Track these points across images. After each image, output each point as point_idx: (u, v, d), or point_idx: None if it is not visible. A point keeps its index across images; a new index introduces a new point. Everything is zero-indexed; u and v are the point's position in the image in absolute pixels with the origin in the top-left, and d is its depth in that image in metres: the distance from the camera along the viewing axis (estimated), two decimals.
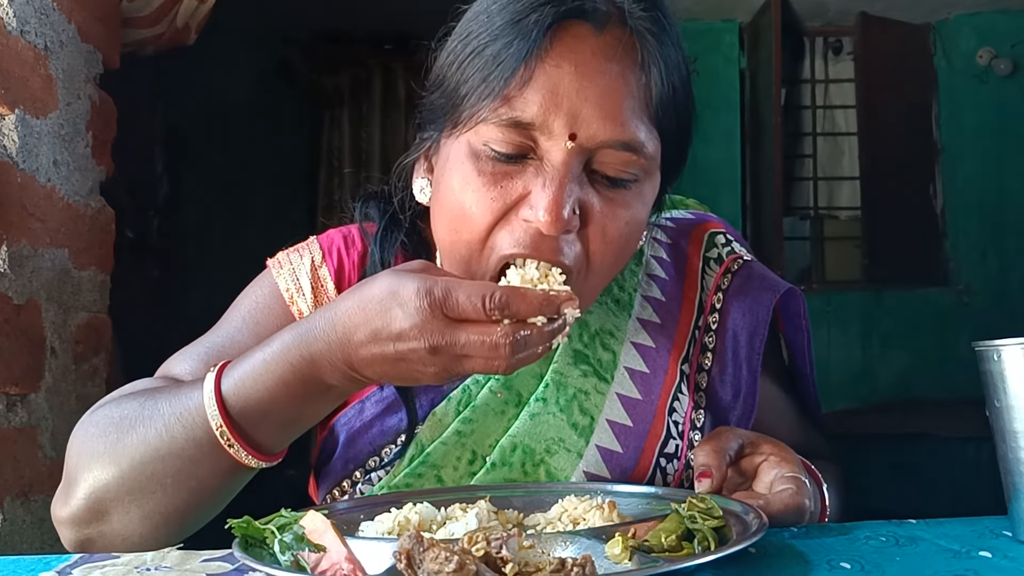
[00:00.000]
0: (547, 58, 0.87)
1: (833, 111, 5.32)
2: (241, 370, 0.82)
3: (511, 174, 0.90)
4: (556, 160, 0.88)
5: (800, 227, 5.34)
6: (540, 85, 0.87)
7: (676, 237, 1.16)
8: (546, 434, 0.99)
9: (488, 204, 0.89)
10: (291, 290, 1.06)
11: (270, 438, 0.83)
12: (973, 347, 0.78)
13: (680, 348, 1.07)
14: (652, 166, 0.94)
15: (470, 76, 0.91)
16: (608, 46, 0.90)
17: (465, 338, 0.74)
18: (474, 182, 0.90)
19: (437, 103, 0.98)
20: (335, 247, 1.10)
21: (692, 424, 1.04)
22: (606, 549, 0.66)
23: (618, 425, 1.01)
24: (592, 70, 0.88)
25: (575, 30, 0.89)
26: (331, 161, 5.02)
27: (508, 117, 0.88)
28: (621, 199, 0.92)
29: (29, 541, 1.61)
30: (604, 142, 0.88)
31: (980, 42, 4.92)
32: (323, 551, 0.65)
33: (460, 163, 0.92)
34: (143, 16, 2.10)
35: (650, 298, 1.10)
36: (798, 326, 1.15)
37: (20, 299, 1.58)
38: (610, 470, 0.99)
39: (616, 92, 0.89)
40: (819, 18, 5.06)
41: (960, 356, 4.45)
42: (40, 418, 1.66)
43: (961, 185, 4.94)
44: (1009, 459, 0.76)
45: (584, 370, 1.03)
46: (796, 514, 0.82)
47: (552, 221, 0.86)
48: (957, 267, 4.93)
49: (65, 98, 1.76)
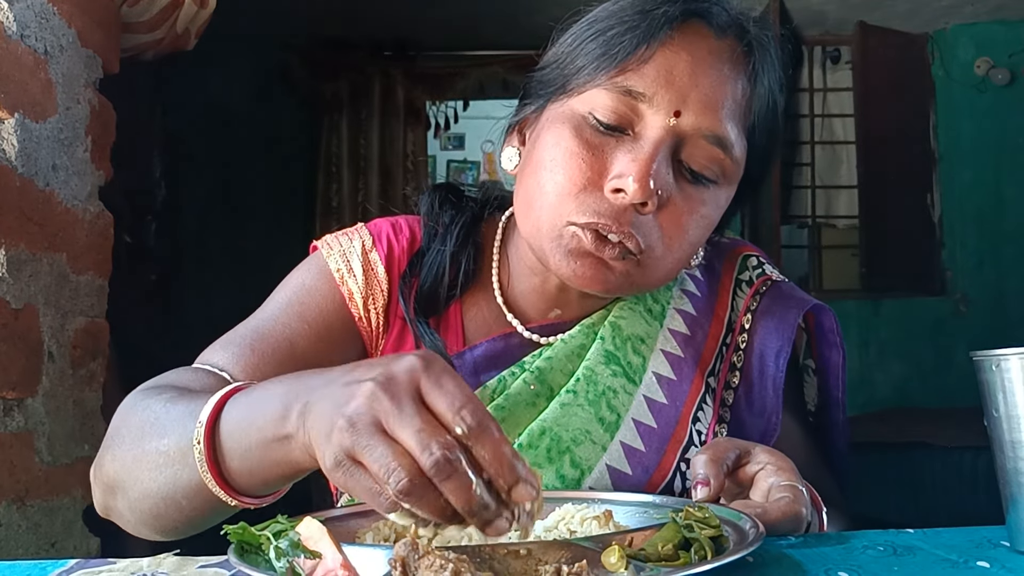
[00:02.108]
0: (668, 44, 0.95)
1: (831, 120, 5.33)
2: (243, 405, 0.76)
3: (604, 146, 0.95)
4: (653, 135, 0.94)
5: (798, 235, 5.35)
6: (658, 63, 0.94)
7: (711, 258, 1.18)
8: (574, 424, 1.01)
9: (577, 164, 0.95)
10: (342, 270, 1.08)
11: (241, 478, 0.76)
12: (971, 357, 0.78)
13: (707, 362, 1.09)
14: (734, 172, 1.00)
15: (591, 50, 0.98)
16: (724, 50, 0.98)
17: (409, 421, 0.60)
18: (569, 143, 0.96)
19: (548, 76, 1.03)
20: (384, 233, 1.12)
21: (715, 436, 1.06)
22: (602, 558, 0.66)
23: (643, 425, 1.03)
24: (706, 65, 0.96)
25: (698, 28, 0.97)
26: (330, 167, 5.02)
27: (623, 85, 0.94)
28: (699, 196, 0.98)
29: (25, 546, 1.60)
30: (701, 130, 0.95)
31: (978, 52, 4.93)
32: (319, 558, 0.65)
33: (560, 125, 0.98)
34: (143, 21, 2.10)
35: (682, 311, 1.12)
36: (832, 342, 1.15)
37: (18, 303, 1.58)
38: (632, 466, 1.01)
39: (722, 90, 0.96)
40: (817, 27, 5.07)
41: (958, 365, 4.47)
42: (37, 423, 1.66)
43: (959, 194, 4.95)
44: (1007, 469, 0.76)
45: (614, 370, 1.05)
46: (793, 523, 0.82)
47: (640, 188, 0.91)
48: (955, 276, 4.93)
49: (64, 102, 1.76)
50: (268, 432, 0.71)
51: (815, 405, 1.23)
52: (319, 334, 1.05)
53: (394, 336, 1.09)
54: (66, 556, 1.68)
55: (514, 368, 1.05)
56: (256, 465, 0.74)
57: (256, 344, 0.98)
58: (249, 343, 1.00)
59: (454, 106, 5.23)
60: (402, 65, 5.05)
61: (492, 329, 1.09)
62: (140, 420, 0.86)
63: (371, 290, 1.08)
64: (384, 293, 1.09)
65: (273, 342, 1.01)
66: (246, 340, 1.01)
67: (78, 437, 1.81)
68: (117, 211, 2.01)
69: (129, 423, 0.87)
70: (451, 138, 7.46)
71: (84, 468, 1.82)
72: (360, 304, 1.07)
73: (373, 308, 1.08)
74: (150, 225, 3.94)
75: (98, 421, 1.89)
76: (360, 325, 1.08)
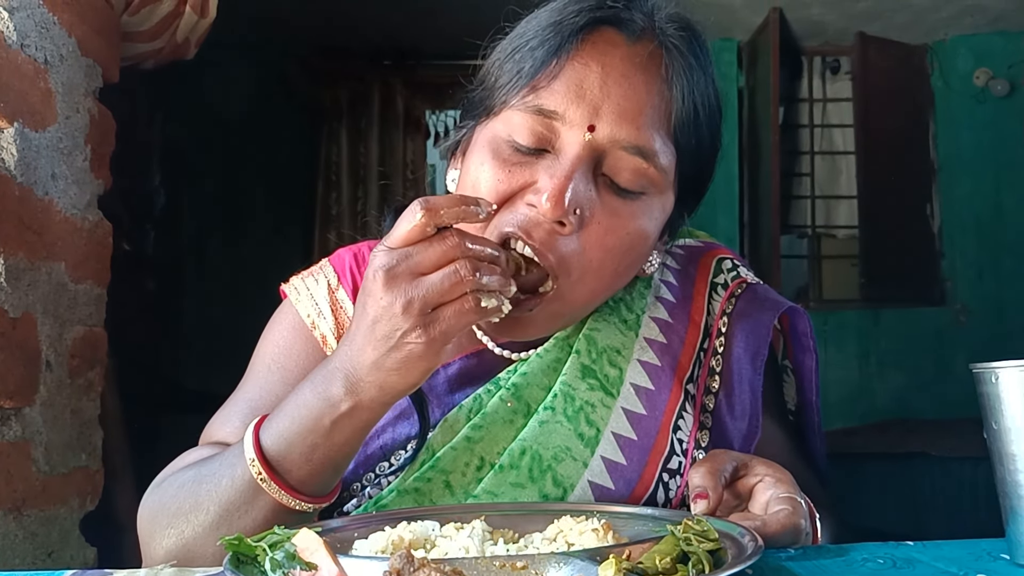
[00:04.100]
0: (577, 56, 0.94)
1: (831, 130, 5.34)
2: (276, 418, 0.87)
3: (524, 164, 0.95)
4: (570, 152, 0.92)
5: (798, 245, 5.35)
6: (567, 77, 0.93)
7: (684, 263, 1.18)
8: (554, 442, 1.00)
9: (495, 184, 0.94)
10: (312, 315, 1.10)
11: (311, 478, 0.87)
12: (971, 369, 0.78)
13: (685, 369, 1.08)
14: (663, 181, 0.98)
15: (508, 69, 0.98)
16: (637, 55, 0.95)
17: (428, 281, 0.79)
18: (489, 164, 0.96)
19: (476, 97, 1.04)
20: (347, 267, 1.13)
21: (696, 443, 1.05)
22: (600, 571, 0.66)
23: (623, 438, 1.01)
24: (618, 73, 0.94)
25: (609, 36, 0.96)
26: (329, 175, 5.03)
27: (534, 104, 0.94)
28: (627, 210, 0.96)
29: (22, 556, 1.60)
30: (619, 142, 0.93)
31: (977, 63, 4.94)
32: (315, 569, 0.65)
33: (482, 148, 0.98)
34: (143, 31, 2.10)
35: (657, 319, 1.11)
36: (805, 346, 1.15)
37: (16, 312, 1.58)
38: (614, 481, 1.00)
39: (638, 98, 0.94)
40: (817, 37, 5.08)
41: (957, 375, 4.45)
42: (34, 432, 1.65)
43: (958, 205, 4.96)
44: (1007, 482, 0.76)
45: (591, 384, 1.04)
46: (792, 535, 0.82)
47: (553, 206, 0.89)
48: (954, 286, 4.93)
49: (64, 111, 1.76)
50: (325, 420, 0.84)
51: (795, 404, 1.22)
52: None
53: None
54: (63, 566, 1.68)
55: (489, 385, 1.05)
56: (324, 456, 0.85)
57: (251, 416, 0.98)
58: (242, 417, 1.04)
59: (454, 115, 5.24)
60: (402, 74, 5.06)
61: (463, 348, 1.09)
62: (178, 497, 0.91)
63: (341, 329, 1.09)
64: None
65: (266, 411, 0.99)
66: (242, 413, 1.05)
67: (75, 446, 1.80)
68: (116, 219, 2.01)
69: (167, 507, 0.91)
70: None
71: (81, 477, 1.82)
72: (333, 344, 1.08)
73: None
74: (149, 233, 3.95)
75: (95, 430, 1.89)
76: None
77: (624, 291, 1.10)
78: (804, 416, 1.19)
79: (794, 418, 1.23)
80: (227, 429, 1.04)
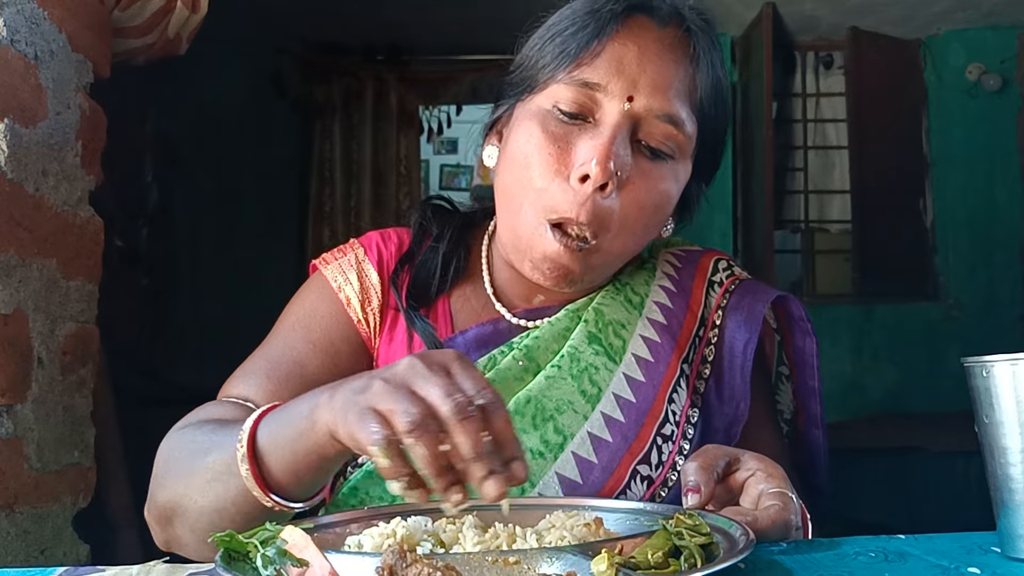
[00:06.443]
0: (616, 37, 1.06)
1: (824, 125, 5.34)
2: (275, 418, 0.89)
3: (569, 135, 1.05)
4: (611, 119, 1.04)
5: (791, 240, 5.35)
6: (608, 56, 1.05)
7: (685, 263, 1.26)
8: (557, 395, 1.09)
9: (545, 157, 1.05)
10: (339, 280, 1.19)
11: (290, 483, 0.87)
12: (962, 363, 0.78)
13: (682, 348, 1.17)
14: (688, 147, 1.10)
15: (550, 51, 1.09)
16: (666, 38, 1.08)
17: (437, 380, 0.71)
18: (538, 137, 1.06)
19: (516, 79, 1.14)
20: (374, 242, 1.23)
21: (687, 418, 1.12)
22: (592, 565, 0.66)
23: (622, 399, 1.10)
24: (652, 53, 1.06)
25: (641, 21, 1.08)
26: (322, 171, 5.01)
27: (579, 79, 1.05)
28: (657, 172, 1.07)
29: (14, 554, 1.59)
30: (653, 111, 1.05)
31: (970, 58, 4.94)
32: (306, 566, 0.65)
33: (528, 121, 1.08)
34: (134, 26, 2.09)
35: (659, 303, 1.20)
36: (804, 330, 1.24)
37: (7, 309, 1.57)
38: (612, 435, 1.07)
39: (668, 74, 1.07)
40: (810, 32, 5.08)
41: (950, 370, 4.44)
42: (26, 429, 1.65)
43: (951, 199, 4.96)
44: (998, 475, 0.76)
45: (596, 349, 1.12)
46: (783, 530, 0.83)
47: (601, 171, 1.00)
48: (947, 281, 4.94)
49: (55, 107, 1.75)
50: (300, 426, 0.83)
51: (791, 412, 1.28)
52: (326, 351, 1.14)
53: (387, 327, 1.17)
54: (56, 563, 1.68)
55: (503, 347, 1.14)
56: (291, 462, 0.85)
57: (271, 372, 1.09)
58: (264, 372, 1.10)
59: (447, 110, 5.23)
60: (395, 69, 5.05)
61: (480, 317, 1.18)
62: (186, 449, 0.96)
63: (365, 293, 1.18)
64: (378, 295, 1.18)
65: (286, 367, 1.10)
66: (262, 370, 1.10)
67: (68, 443, 1.80)
68: (108, 216, 2.00)
69: (175, 454, 0.97)
70: (444, 143, 7.47)
71: (74, 474, 1.82)
72: (357, 307, 1.17)
73: (369, 309, 1.18)
74: (141, 230, 3.94)
75: (88, 427, 1.88)
76: (359, 328, 1.17)
77: (630, 276, 1.21)
78: (806, 407, 1.25)
79: (790, 426, 1.26)
80: (243, 386, 1.09)
